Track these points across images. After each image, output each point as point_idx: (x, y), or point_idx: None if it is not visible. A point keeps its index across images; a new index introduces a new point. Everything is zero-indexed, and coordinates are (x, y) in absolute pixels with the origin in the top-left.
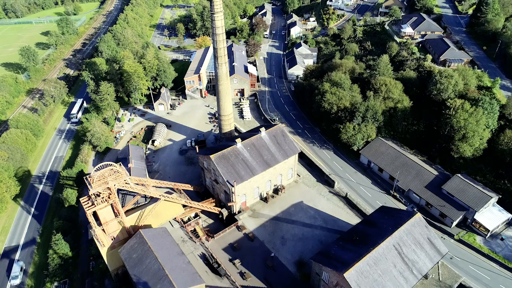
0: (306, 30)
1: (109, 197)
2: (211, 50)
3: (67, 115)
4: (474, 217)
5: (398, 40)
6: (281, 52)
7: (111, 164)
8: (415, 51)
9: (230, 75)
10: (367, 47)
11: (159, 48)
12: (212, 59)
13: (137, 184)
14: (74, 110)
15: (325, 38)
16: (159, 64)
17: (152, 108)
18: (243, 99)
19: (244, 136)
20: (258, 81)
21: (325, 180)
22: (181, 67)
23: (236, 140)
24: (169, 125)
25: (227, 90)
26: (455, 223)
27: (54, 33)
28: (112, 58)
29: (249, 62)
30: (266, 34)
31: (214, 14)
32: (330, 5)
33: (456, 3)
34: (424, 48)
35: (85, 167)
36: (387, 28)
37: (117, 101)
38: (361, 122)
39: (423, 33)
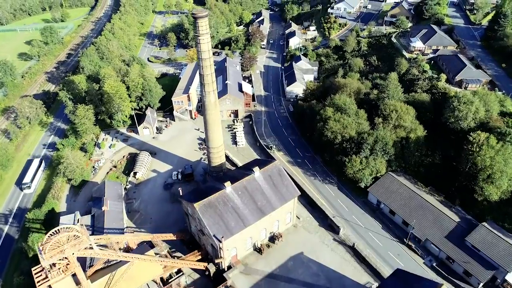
0: (306, 40)
1: (67, 267)
2: None
3: (45, 137)
4: (506, 277)
5: (407, 55)
6: (279, 65)
7: (69, 228)
8: (427, 68)
9: (222, 95)
10: (373, 62)
11: (149, 60)
12: None
13: (105, 246)
14: (27, 178)
15: (326, 50)
16: (144, 82)
17: (137, 132)
18: (236, 121)
19: (235, 176)
20: (253, 99)
21: (328, 224)
22: (171, 82)
23: (225, 183)
24: (154, 153)
25: (216, 120)
26: (482, 284)
27: (36, 44)
28: (94, 75)
29: (244, 77)
30: (263, 44)
31: (199, 36)
32: (332, 13)
33: (468, 13)
34: (437, 65)
35: (57, 205)
36: (395, 41)
37: (98, 125)
38: (369, 155)
39: (434, 47)
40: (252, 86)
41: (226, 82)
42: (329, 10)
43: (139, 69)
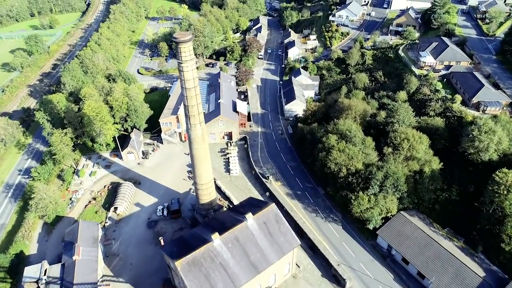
0: (306, 50)
1: None
2: None
3: (22, 161)
4: None
5: (416, 71)
6: (277, 79)
7: None
8: (439, 88)
9: (215, 117)
10: (379, 78)
11: (138, 72)
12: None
13: None
14: None
15: (328, 62)
16: (129, 102)
17: (120, 157)
18: (230, 144)
19: (225, 223)
20: (249, 119)
21: (332, 275)
22: (161, 97)
23: (213, 236)
24: (138, 182)
25: (205, 155)
26: None
27: (19, 54)
28: (76, 91)
29: (240, 92)
30: (260, 55)
31: (182, 63)
32: (333, 21)
33: (480, 22)
34: (450, 83)
35: (27, 247)
36: (402, 54)
37: (78, 149)
38: (378, 192)
39: (446, 63)
40: (248, 103)
41: (219, 101)
42: (331, 18)
43: (124, 87)
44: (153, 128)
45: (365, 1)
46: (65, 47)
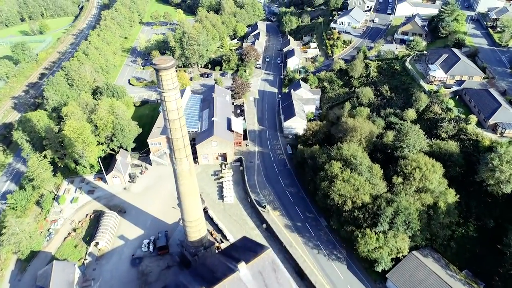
0: (306, 60)
1: None
2: (187, 95)
3: (0, 184)
4: None
5: (425, 86)
6: (276, 90)
7: None
8: (452, 106)
9: (208, 137)
10: (385, 93)
11: (129, 83)
12: (188, 110)
13: None
14: None
15: (329, 74)
16: (115, 120)
17: (105, 181)
18: (225, 166)
19: (213, 271)
20: (245, 137)
21: None
22: (152, 111)
23: None
24: (123, 211)
25: (192, 190)
26: None
27: (4, 63)
28: (60, 107)
29: (236, 106)
30: (258, 64)
31: (164, 93)
32: (335, 28)
33: (491, 31)
34: (463, 100)
35: None
36: (409, 67)
37: (60, 171)
38: (387, 230)
39: (458, 78)
40: (244, 119)
41: (212, 119)
42: (332, 25)
43: (110, 103)
44: (143, 147)
45: (368, 7)
46: (54, 55)
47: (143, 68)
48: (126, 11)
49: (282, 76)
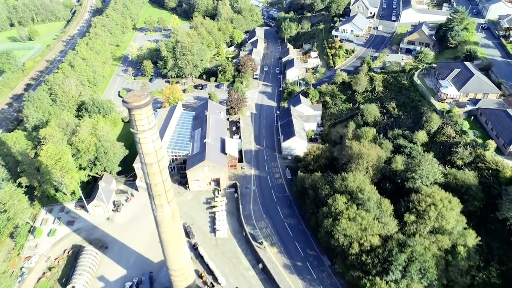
0: (306, 70)
1: None
2: (178, 111)
3: None
4: None
5: (436, 105)
6: (274, 104)
7: None
8: (466, 128)
9: (199, 162)
10: (392, 111)
11: (119, 95)
12: (178, 129)
13: None
14: None
15: (331, 87)
16: (97, 143)
17: (87, 210)
18: (218, 193)
19: None
20: (241, 158)
21: None
22: None
23: None
24: (105, 246)
25: (176, 237)
26: None
27: None
28: (42, 125)
29: (232, 122)
30: (255, 75)
31: (137, 134)
32: (336, 36)
33: (503, 41)
34: (478, 121)
35: None
36: (418, 82)
37: (37, 199)
38: (400, 279)
39: (472, 95)
40: (240, 137)
41: (204, 141)
42: (334, 33)
43: (92, 124)
44: (130, 170)
45: (371, 13)
46: (42, 64)
47: (134, 79)
48: (118, 17)
49: (281, 89)
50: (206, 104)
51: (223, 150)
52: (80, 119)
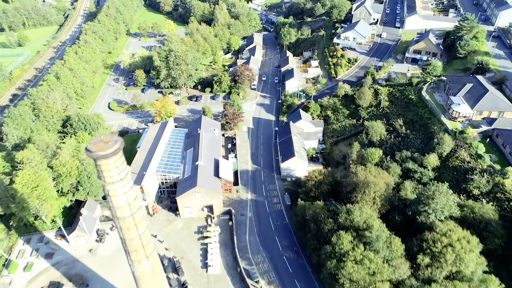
0: (306, 81)
1: None
2: (170, 129)
3: None
4: None
5: (448, 124)
6: (273, 118)
7: None
8: (482, 151)
9: (190, 187)
10: (399, 129)
11: (109, 108)
12: (169, 148)
13: None
14: None
15: (333, 100)
16: (80, 167)
17: (68, 240)
18: (211, 221)
19: None
20: (237, 181)
21: None
22: (131, 145)
23: None
24: (86, 284)
25: None
26: None
27: None
28: (22, 142)
29: (227, 138)
30: (253, 85)
31: (107, 186)
32: (338, 44)
33: None
34: (494, 143)
35: None
36: (427, 97)
37: (14, 228)
38: None
39: (486, 113)
40: (236, 156)
41: (197, 163)
42: (335, 40)
43: (75, 145)
44: None
45: (374, 19)
46: (30, 72)
47: (126, 89)
48: (111, 23)
49: (280, 101)
50: (200, 120)
51: (216, 173)
52: (64, 136)
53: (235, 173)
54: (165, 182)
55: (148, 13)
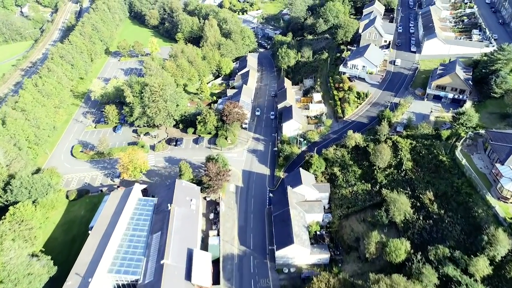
0: (308, 119)
1: None
2: (133, 200)
3: None
4: None
5: (497, 207)
6: (267, 173)
7: None
8: None
9: None
10: (429, 205)
11: (71, 154)
12: (130, 231)
13: None
14: None
15: (341, 152)
16: (2, 273)
17: None
18: None
19: None
20: (217, 278)
21: None
22: (90, 212)
23: None
24: None
25: None
26: None
27: None
28: None
29: (209, 203)
30: (245, 124)
31: None
32: (344, 73)
33: None
34: None
35: None
36: (463, 161)
37: None
38: None
39: None
40: (219, 232)
41: (162, 262)
42: (341, 68)
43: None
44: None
45: (385, 41)
46: None
47: (95, 127)
48: (85, 43)
49: (275, 149)
50: (173, 188)
51: (188, 276)
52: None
53: (216, 261)
54: (127, 285)
55: (132, 26)
